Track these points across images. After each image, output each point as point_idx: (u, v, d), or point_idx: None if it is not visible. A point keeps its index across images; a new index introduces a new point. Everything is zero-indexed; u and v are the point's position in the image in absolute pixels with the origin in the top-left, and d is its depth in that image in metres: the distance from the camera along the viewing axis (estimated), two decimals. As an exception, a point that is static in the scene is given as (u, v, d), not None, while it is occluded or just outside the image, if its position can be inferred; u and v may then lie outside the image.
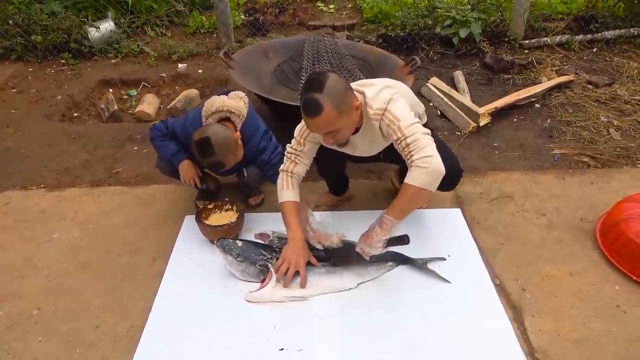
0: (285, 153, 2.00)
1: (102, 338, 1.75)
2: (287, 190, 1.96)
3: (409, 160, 1.69)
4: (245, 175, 2.25)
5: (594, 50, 4.26)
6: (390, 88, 1.83)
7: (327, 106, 1.63)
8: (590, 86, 3.60)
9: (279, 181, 1.99)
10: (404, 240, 1.87)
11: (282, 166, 2.00)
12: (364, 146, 1.95)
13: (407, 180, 1.68)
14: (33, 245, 2.20)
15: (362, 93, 1.79)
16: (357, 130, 1.86)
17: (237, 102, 2.07)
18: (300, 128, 1.95)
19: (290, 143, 1.99)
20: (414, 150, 1.67)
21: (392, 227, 1.75)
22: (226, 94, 2.13)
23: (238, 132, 2.06)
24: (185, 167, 2.18)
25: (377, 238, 1.76)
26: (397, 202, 1.73)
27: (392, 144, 1.80)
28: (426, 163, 1.64)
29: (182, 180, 2.21)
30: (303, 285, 1.89)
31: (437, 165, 1.65)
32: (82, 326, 1.80)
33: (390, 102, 1.75)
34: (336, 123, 1.69)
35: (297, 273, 1.90)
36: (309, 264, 1.94)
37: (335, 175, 2.31)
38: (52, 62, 4.25)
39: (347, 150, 1.97)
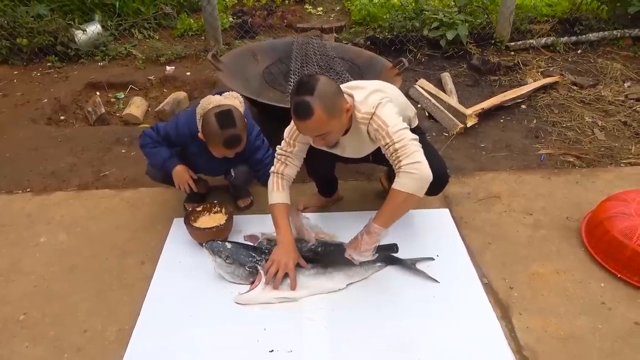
0: (275, 155, 2.00)
1: (90, 342, 1.74)
2: (277, 192, 1.96)
3: (397, 166, 1.69)
4: (233, 175, 2.25)
5: (579, 51, 4.33)
6: (379, 92, 1.82)
7: (317, 109, 1.64)
8: (575, 87, 3.65)
9: (269, 183, 1.99)
10: (392, 249, 1.95)
11: (272, 168, 2.00)
12: (352, 148, 1.96)
13: (395, 186, 1.69)
14: (19, 249, 2.17)
15: (352, 96, 1.80)
16: (346, 131, 1.86)
17: (232, 102, 2.07)
18: (290, 129, 1.95)
19: (279, 145, 1.99)
20: (402, 156, 1.68)
21: (380, 234, 1.77)
22: (220, 94, 2.13)
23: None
24: (179, 173, 2.16)
25: (366, 246, 1.78)
26: (384, 209, 1.74)
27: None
28: (414, 169, 1.65)
29: (176, 186, 2.19)
30: (293, 287, 1.89)
31: (424, 171, 1.66)
32: (70, 331, 1.78)
33: (379, 106, 1.75)
34: (327, 126, 1.70)
35: (286, 275, 1.90)
36: (298, 265, 1.94)
37: (324, 176, 2.31)
38: (38, 65, 4.21)
39: (336, 151, 1.98)
